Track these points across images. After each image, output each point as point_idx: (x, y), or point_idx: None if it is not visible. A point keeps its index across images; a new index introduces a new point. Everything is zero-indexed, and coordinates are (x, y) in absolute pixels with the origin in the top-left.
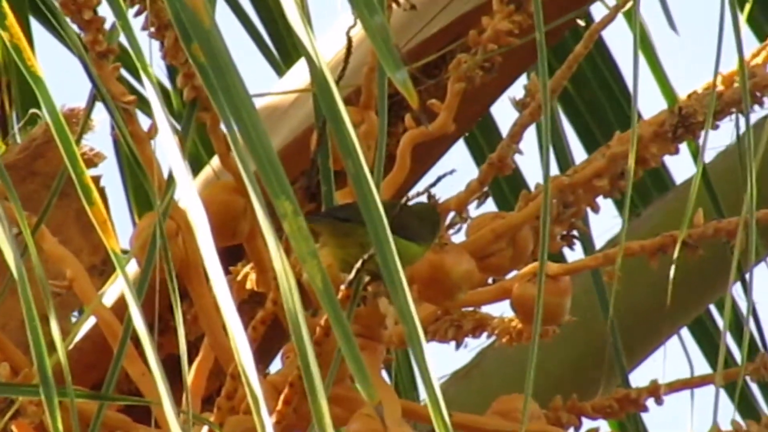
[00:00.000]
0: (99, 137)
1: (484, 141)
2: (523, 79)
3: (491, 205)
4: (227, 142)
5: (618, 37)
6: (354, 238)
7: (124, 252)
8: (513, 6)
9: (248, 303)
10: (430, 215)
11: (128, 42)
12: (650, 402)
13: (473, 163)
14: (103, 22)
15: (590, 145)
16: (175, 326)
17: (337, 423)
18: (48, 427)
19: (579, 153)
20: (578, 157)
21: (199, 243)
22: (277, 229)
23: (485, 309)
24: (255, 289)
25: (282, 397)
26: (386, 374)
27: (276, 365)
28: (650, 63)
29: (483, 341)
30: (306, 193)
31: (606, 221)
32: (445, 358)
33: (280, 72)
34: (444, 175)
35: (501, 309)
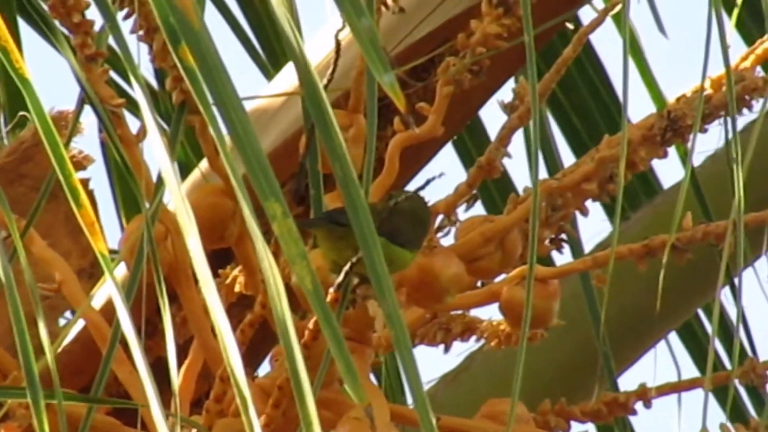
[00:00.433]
0: (88, 140)
1: (473, 144)
2: (511, 83)
3: (479, 208)
4: (215, 145)
5: (606, 41)
6: (348, 242)
7: (113, 252)
8: (502, 9)
9: (237, 306)
10: (422, 214)
11: (117, 44)
12: (638, 406)
13: (461, 166)
14: (91, 25)
15: (578, 148)
16: (163, 329)
17: (325, 426)
18: (36, 429)
19: (567, 157)
20: (566, 161)
21: (188, 246)
22: (266, 232)
23: (474, 312)
24: (243, 292)
25: (271, 400)
26: (374, 378)
27: (264, 369)
28: (639, 66)
29: (472, 345)
30: (295, 197)
31: (595, 225)
32: (433, 362)
33: (268, 76)
34: (433, 178)
35: (489, 312)
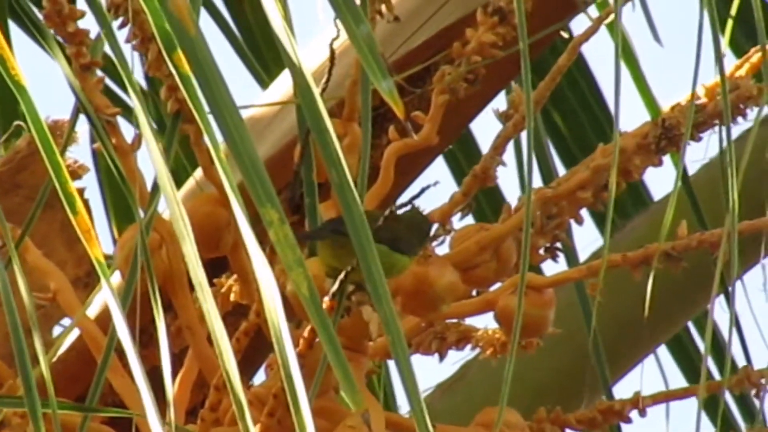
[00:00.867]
0: (82, 149)
1: (463, 156)
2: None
3: (468, 218)
4: (210, 154)
5: (597, 53)
6: (349, 250)
7: (107, 257)
8: (497, 18)
9: (232, 315)
10: (420, 224)
11: (112, 52)
12: (630, 416)
13: (451, 176)
14: (86, 34)
15: (568, 160)
16: (158, 338)
17: None
18: None
19: (557, 169)
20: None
21: (184, 254)
22: (261, 242)
23: (469, 321)
24: (238, 301)
25: (266, 408)
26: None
27: (260, 378)
28: (633, 73)
29: (467, 354)
30: (290, 205)
31: (590, 234)
32: (429, 371)
33: (262, 84)
34: (428, 187)
35: (485, 321)
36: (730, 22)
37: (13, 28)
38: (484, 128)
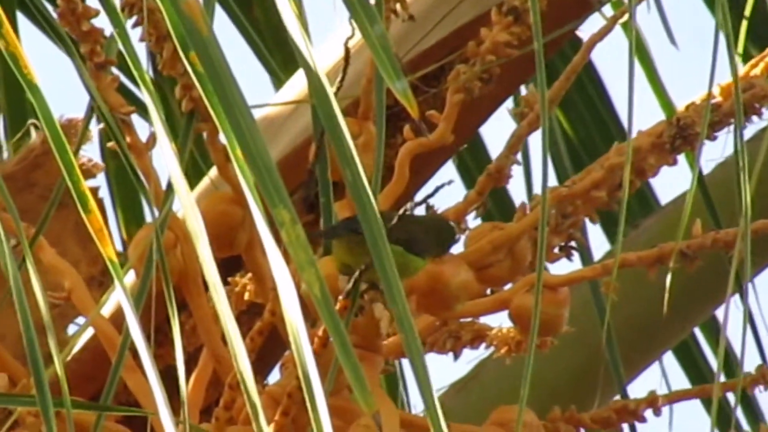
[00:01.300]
0: (95, 148)
1: (472, 160)
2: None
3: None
4: (226, 153)
5: (607, 52)
6: (364, 249)
7: (119, 254)
8: (511, 17)
9: (246, 314)
10: (441, 229)
11: (125, 50)
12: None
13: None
14: (101, 33)
15: (576, 167)
16: (173, 337)
17: None
18: None
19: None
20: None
21: (198, 253)
22: (276, 240)
23: (483, 320)
24: (253, 300)
25: (280, 408)
26: None
27: (274, 377)
28: (647, 73)
29: (481, 353)
30: (304, 204)
31: (600, 235)
32: (443, 370)
33: (276, 85)
34: (442, 186)
35: (499, 320)
36: (744, 23)
37: (23, 24)
38: (492, 132)
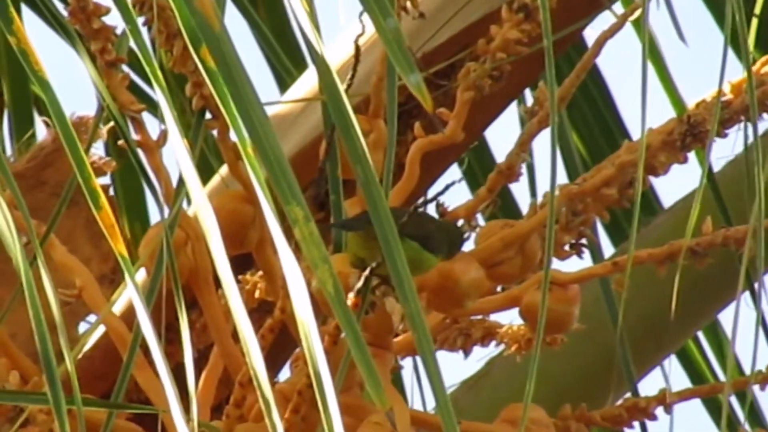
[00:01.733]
0: (100, 145)
1: (476, 162)
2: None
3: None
4: (236, 151)
5: (613, 48)
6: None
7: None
8: (522, 15)
9: (257, 312)
10: (451, 230)
11: (138, 46)
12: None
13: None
14: (112, 31)
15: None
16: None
17: (346, 431)
18: None
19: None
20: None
21: (210, 250)
22: (287, 238)
23: (494, 317)
24: (264, 297)
25: (290, 405)
26: None
27: (284, 374)
28: (658, 72)
29: (491, 350)
30: (315, 202)
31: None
32: (453, 368)
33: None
34: (452, 184)
35: (509, 317)
36: (755, 21)
37: (31, 20)
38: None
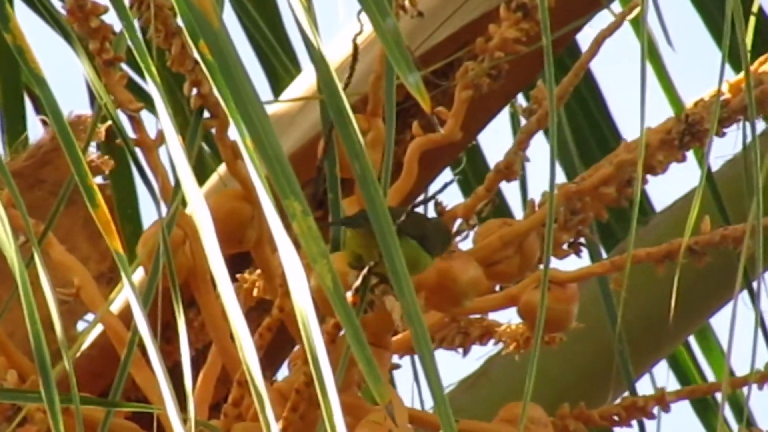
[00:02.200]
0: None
1: (470, 168)
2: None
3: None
4: (234, 149)
5: (607, 64)
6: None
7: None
8: (520, 13)
9: (255, 310)
10: (443, 230)
11: (133, 44)
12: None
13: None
14: (110, 30)
15: (571, 171)
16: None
17: None
18: None
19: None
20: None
21: (205, 249)
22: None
23: (492, 316)
24: (262, 296)
25: (288, 404)
26: None
27: (283, 373)
28: (656, 70)
29: (490, 349)
30: (313, 201)
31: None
32: (452, 367)
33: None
34: (450, 182)
35: (508, 316)
36: (752, 19)
37: (21, 15)
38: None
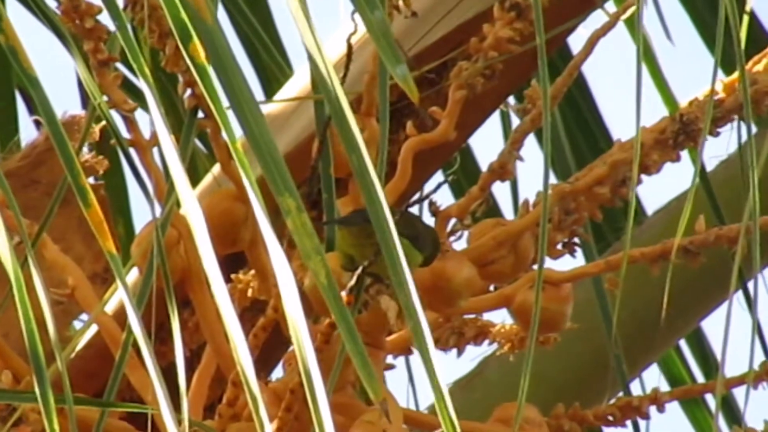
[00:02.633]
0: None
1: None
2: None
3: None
4: (228, 150)
5: (597, 65)
6: (373, 240)
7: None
8: (514, 13)
9: (250, 311)
10: (432, 231)
11: (125, 45)
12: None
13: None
14: (104, 30)
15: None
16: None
17: (338, 430)
18: None
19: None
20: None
21: (199, 250)
22: (278, 237)
23: (486, 316)
24: (256, 296)
25: (283, 404)
26: None
27: (277, 374)
28: (650, 70)
29: (484, 350)
30: (307, 201)
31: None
32: (447, 367)
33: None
34: (444, 182)
35: (502, 316)
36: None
37: (15, 15)
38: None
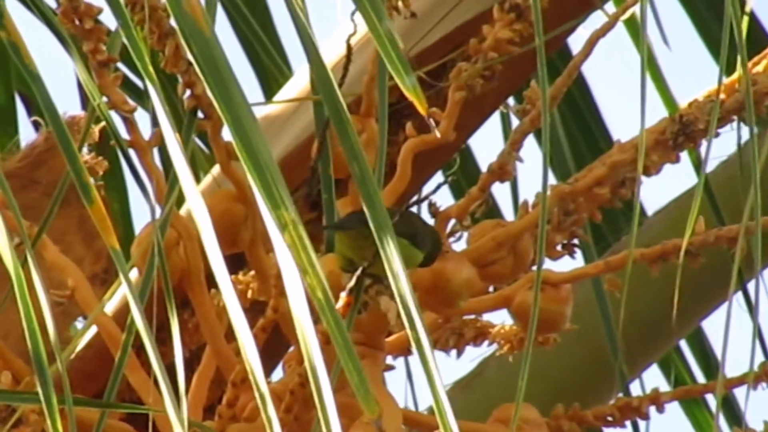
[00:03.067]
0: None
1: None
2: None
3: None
4: (228, 150)
5: (596, 66)
6: (371, 242)
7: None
8: (513, 14)
9: (249, 312)
10: (432, 230)
11: (129, 44)
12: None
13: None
14: (104, 31)
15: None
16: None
17: None
18: None
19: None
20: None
21: (204, 248)
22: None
23: (486, 317)
24: (256, 297)
25: (283, 405)
26: None
27: (277, 375)
28: (650, 71)
29: (484, 350)
30: (307, 202)
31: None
32: (447, 368)
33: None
34: (443, 183)
35: (502, 317)
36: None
37: (19, 15)
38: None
